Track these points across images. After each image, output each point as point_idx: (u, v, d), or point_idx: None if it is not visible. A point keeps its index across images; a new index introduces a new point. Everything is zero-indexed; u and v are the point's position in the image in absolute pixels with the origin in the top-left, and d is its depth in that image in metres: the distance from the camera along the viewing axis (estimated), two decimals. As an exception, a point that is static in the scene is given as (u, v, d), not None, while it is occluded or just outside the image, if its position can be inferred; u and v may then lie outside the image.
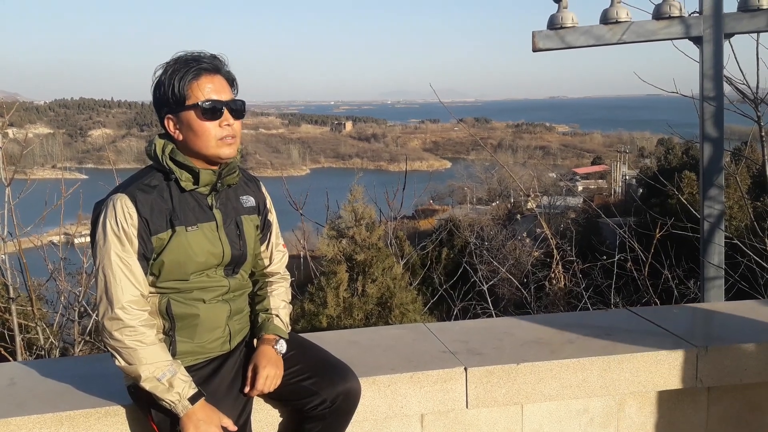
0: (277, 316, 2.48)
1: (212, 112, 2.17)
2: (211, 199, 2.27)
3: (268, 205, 2.50)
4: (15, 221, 5.45)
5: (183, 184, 2.21)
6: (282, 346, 2.41)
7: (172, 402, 2.12)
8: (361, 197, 8.04)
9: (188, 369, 2.22)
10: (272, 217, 2.52)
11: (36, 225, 6.20)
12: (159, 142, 2.23)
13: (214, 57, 2.23)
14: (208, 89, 2.18)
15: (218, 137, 2.19)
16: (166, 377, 2.12)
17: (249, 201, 2.40)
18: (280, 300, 2.52)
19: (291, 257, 2.73)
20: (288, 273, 2.61)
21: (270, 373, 2.31)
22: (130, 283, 2.13)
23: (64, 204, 6.12)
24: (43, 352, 5.80)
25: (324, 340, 2.73)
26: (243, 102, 2.26)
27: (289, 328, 2.53)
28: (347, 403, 2.38)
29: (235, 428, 2.19)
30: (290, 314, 2.58)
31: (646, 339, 2.97)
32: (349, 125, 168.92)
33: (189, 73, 2.17)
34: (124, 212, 2.12)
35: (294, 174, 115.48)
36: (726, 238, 5.16)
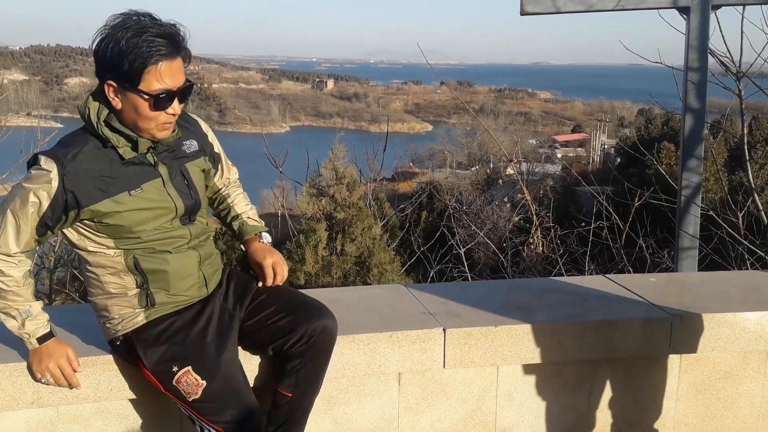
0: (249, 218, 2.59)
1: (163, 103, 2.08)
2: (152, 157, 2.20)
3: (210, 140, 2.45)
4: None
5: (121, 151, 2.13)
6: (267, 238, 2.55)
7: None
8: (342, 156, 8.01)
9: (169, 315, 2.26)
10: (217, 148, 2.51)
11: (11, 173, 6.11)
12: (93, 106, 2.12)
13: (174, 34, 2.07)
14: (165, 79, 2.06)
15: (160, 122, 2.12)
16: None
17: (192, 145, 2.34)
18: (243, 204, 2.62)
19: (269, 215, 2.75)
20: (240, 184, 2.67)
21: (275, 259, 2.46)
22: (14, 240, 2.11)
23: (40, 153, 6.02)
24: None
25: (304, 297, 2.73)
26: (192, 85, 2.17)
27: (263, 223, 2.62)
28: (323, 338, 2.36)
29: (78, 368, 2.28)
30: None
31: (621, 305, 3.02)
32: (330, 83, 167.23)
33: (150, 57, 2.01)
34: (44, 184, 2.05)
35: (273, 131, 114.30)
36: (701, 210, 5.21)
